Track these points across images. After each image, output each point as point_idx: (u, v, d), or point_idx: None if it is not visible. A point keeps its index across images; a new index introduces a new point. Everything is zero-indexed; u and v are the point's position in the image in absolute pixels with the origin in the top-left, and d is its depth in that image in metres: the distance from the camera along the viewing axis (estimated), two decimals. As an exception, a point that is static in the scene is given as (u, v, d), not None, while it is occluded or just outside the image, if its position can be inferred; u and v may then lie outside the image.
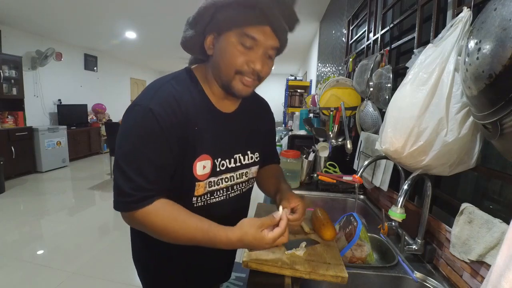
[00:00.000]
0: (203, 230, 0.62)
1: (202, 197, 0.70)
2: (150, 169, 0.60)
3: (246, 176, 0.80)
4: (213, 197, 0.72)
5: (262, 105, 0.88)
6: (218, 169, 0.70)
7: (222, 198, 0.74)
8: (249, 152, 0.79)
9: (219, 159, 0.70)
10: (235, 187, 0.77)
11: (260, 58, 0.62)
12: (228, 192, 0.75)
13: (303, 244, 0.82)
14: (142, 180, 0.59)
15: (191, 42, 0.66)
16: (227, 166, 0.72)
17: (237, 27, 0.59)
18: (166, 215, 0.61)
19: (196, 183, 0.67)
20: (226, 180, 0.73)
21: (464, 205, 0.71)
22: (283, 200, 0.74)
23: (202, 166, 0.67)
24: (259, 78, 0.66)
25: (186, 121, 0.63)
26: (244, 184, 0.80)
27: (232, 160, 0.74)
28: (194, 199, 0.69)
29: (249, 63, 0.62)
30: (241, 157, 0.76)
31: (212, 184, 0.70)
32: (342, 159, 1.66)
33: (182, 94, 0.64)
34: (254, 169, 0.82)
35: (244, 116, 0.77)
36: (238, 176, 0.77)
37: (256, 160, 0.82)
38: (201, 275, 0.84)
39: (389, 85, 1.11)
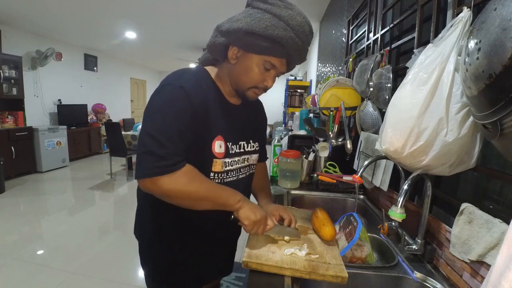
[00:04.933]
0: (221, 187, 0.75)
1: (220, 174, 0.79)
2: (181, 137, 0.68)
3: (248, 162, 0.90)
4: (228, 177, 0.82)
5: (258, 103, 1.00)
6: (230, 152, 0.81)
7: (234, 178, 0.84)
8: (251, 141, 0.90)
9: (230, 143, 0.81)
10: (242, 169, 0.87)
11: (272, 78, 0.77)
12: (237, 174, 0.86)
13: (305, 245, 0.82)
14: (175, 146, 0.67)
15: (218, 47, 0.75)
16: (235, 150, 0.83)
17: (265, 54, 0.71)
18: (193, 176, 0.70)
19: (214, 159, 0.77)
20: (236, 163, 0.84)
21: (464, 205, 0.71)
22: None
23: (219, 145, 0.77)
24: (266, 90, 0.80)
25: (207, 103, 0.74)
26: (247, 169, 0.90)
27: (239, 146, 0.84)
28: (212, 174, 0.78)
29: (264, 81, 0.76)
30: (245, 145, 0.87)
31: (227, 164, 0.80)
32: (342, 159, 1.66)
33: (202, 82, 0.75)
34: (255, 156, 0.93)
35: (247, 109, 0.89)
36: (242, 161, 0.87)
37: (256, 149, 0.93)
38: (203, 256, 0.87)
39: (389, 85, 1.11)
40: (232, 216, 0.77)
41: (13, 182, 4.14)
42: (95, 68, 6.79)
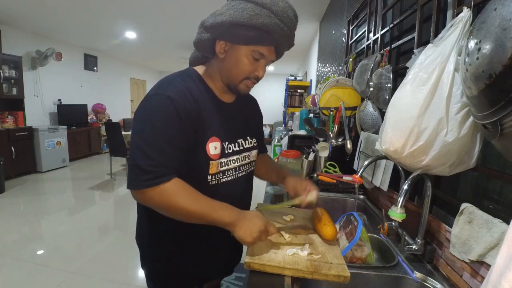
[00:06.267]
0: (213, 204, 0.71)
1: (216, 175, 0.79)
2: (168, 148, 0.68)
3: (248, 159, 0.90)
4: (225, 176, 0.81)
5: (252, 100, 1.00)
6: (226, 152, 0.80)
7: (232, 177, 0.83)
8: (248, 138, 0.90)
9: (226, 143, 0.80)
10: (241, 168, 0.87)
11: (263, 67, 0.77)
12: (236, 172, 0.85)
13: (307, 245, 0.82)
14: (161, 158, 0.67)
15: (204, 43, 0.75)
16: (233, 149, 0.83)
17: (252, 44, 0.71)
18: (182, 191, 0.69)
19: (210, 162, 0.76)
20: (234, 161, 0.83)
21: (464, 205, 0.71)
22: (297, 189, 0.89)
23: (213, 147, 0.77)
24: (258, 80, 0.79)
25: (197, 107, 0.73)
26: (247, 166, 0.90)
27: (236, 144, 0.84)
28: (209, 177, 0.78)
29: (255, 71, 0.76)
30: (243, 142, 0.87)
31: (223, 164, 0.80)
32: (342, 159, 1.66)
33: (191, 86, 0.75)
34: (254, 152, 0.93)
35: (240, 106, 0.89)
36: (242, 159, 0.87)
37: (255, 145, 0.93)
38: (203, 258, 0.87)
39: (389, 85, 1.11)
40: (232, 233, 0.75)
41: (13, 182, 4.14)
42: (95, 68, 6.79)
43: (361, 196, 1.47)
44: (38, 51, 4.97)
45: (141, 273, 2.10)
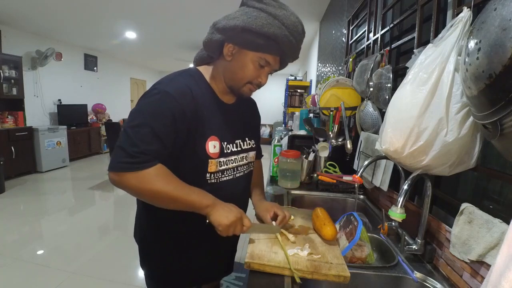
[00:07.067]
0: (191, 188, 0.72)
1: (215, 174, 0.80)
2: (153, 140, 0.68)
3: (246, 160, 0.91)
4: (224, 176, 0.83)
5: (252, 102, 1.02)
6: (225, 151, 0.81)
7: (230, 177, 0.85)
8: (247, 139, 0.91)
9: (225, 143, 0.82)
10: (239, 168, 0.88)
11: (266, 74, 0.80)
12: (234, 172, 0.86)
13: (307, 245, 0.82)
14: (145, 147, 0.67)
15: (214, 44, 0.77)
16: (231, 149, 0.84)
17: (260, 51, 0.74)
18: (163, 176, 0.69)
19: (209, 160, 0.78)
20: (232, 161, 0.85)
21: (464, 205, 0.71)
22: (262, 213, 0.93)
23: (213, 146, 0.78)
24: (260, 87, 0.82)
25: (197, 106, 0.75)
26: (245, 167, 0.91)
27: (235, 144, 0.86)
28: (208, 175, 0.79)
29: (258, 77, 0.78)
30: (241, 143, 0.89)
31: (222, 163, 0.81)
32: (342, 159, 1.66)
33: (192, 85, 0.76)
34: (252, 154, 0.94)
35: (241, 108, 0.90)
36: (240, 159, 0.88)
37: (253, 146, 0.95)
38: (202, 258, 0.87)
39: (389, 85, 1.11)
40: (207, 221, 0.74)
41: (13, 182, 4.13)
42: (95, 68, 6.79)
43: (361, 196, 1.47)
44: (38, 51, 4.97)
45: (141, 273, 2.10)
